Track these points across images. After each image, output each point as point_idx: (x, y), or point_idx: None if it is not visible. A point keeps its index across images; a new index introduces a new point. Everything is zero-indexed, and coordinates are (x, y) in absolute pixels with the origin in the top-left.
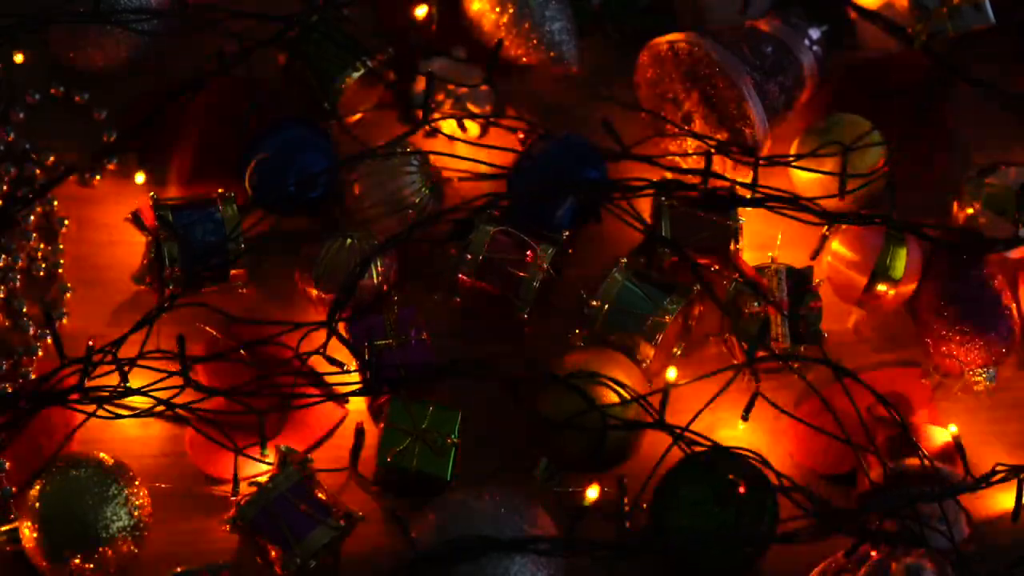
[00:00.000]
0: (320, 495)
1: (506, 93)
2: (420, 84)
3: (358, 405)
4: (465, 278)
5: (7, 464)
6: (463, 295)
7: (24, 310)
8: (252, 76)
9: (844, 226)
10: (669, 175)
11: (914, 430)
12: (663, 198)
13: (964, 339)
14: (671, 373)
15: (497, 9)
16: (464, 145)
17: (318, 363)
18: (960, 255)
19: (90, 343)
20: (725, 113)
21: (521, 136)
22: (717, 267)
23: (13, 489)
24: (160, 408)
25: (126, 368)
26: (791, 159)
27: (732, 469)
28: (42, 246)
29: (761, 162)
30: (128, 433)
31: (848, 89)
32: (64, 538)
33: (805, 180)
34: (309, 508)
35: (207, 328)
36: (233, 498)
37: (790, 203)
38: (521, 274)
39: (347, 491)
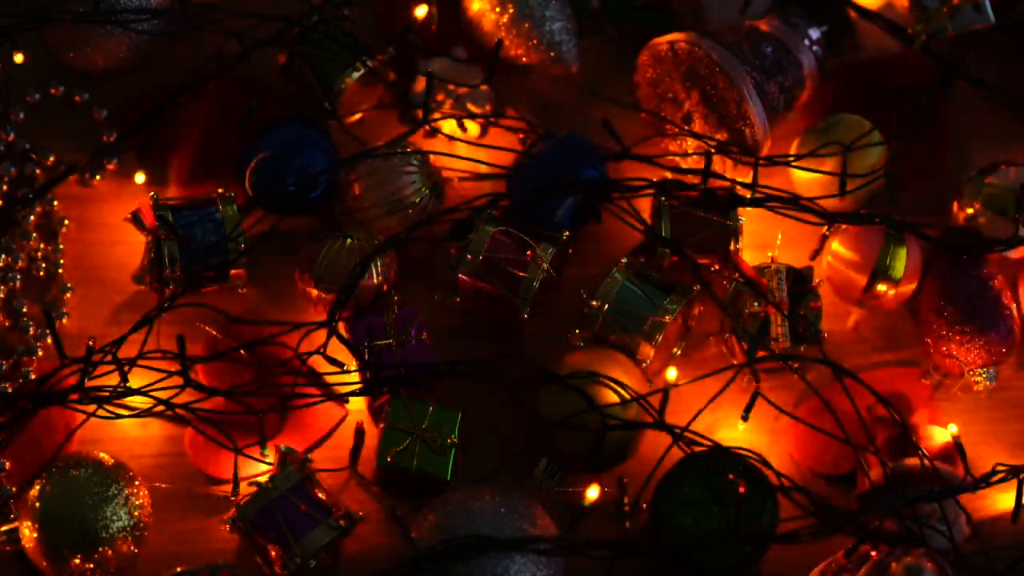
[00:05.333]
0: (320, 495)
1: (506, 93)
2: (420, 84)
3: (358, 405)
4: (465, 278)
5: (7, 464)
6: (463, 295)
7: (24, 310)
8: (252, 76)
9: (844, 226)
10: (669, 175)
11: (914, 430)
12: (663, 198)
13: (964, 339)
14: (671, 373)
15: (497, 9)
16: (464, 145)
17: (318, 363)
18: (960, 255)
19: (90, 343)
20: (725, 113)
21: (521, 136)
22: (717, 267)
23: (13, 489)
24: (160, 408)
25: (126, 368)
26: (791, 159)
27: (732, 469)
28: (42, 246)
29: (761, 162)
30: (128, 433)
31: (848, 89)
32: (64, 538)
33: (805, 180)
34: (309, 508)
35: (207, 328)
36: (233, 498)
37: (790, 203)
38: (521, 274)
39: (347, 491)
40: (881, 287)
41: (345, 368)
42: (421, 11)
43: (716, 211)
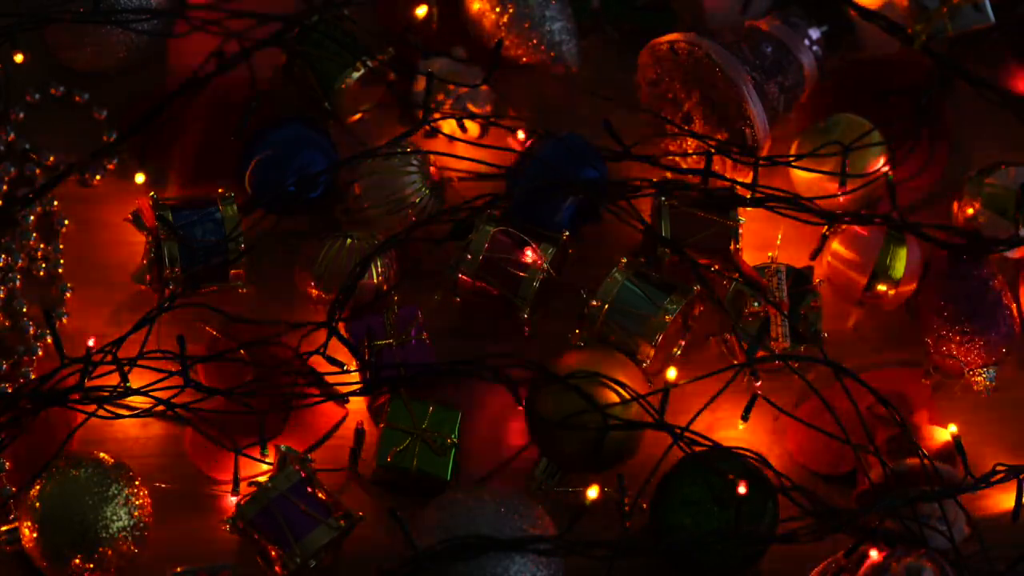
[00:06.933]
0: (320, 495)
1: (506, 93)
2: (420, 84)
3: (358, 405)
4: (465, 278)
5: (7, 464)
6: (463, 295)
7: (24, 310)
8: (252, 76)
9: (844, 226)
10: (669, 175)
11: (914, 430)
12: (663, 198)
13: (964, 339)
14: (671, 373)
15: (497, 9)
16: (464, 145)
17: (318, 363)
18: (960, 255)
19: (90, 343)
20: (725, 113)
21: (521, 136)
22: (717, 267)
23: (13, 489)
24: (160, 408)
25: (126, 368)
26: (791, 159)
27: (732, 469)
28: (42, 246)
29: (761, 162)
30: (128, 433)
31: (848, 89)
32: (64, 538)
33: (805, 180)
34: (309, 508)
35: (207, 328)
36: (233, 498)
37: (790, 203)
38: (521, 274)
39: (347, 491)
40: (881, 287)
41: (345, 368)
42: (421, 11)
43: (716, 211)
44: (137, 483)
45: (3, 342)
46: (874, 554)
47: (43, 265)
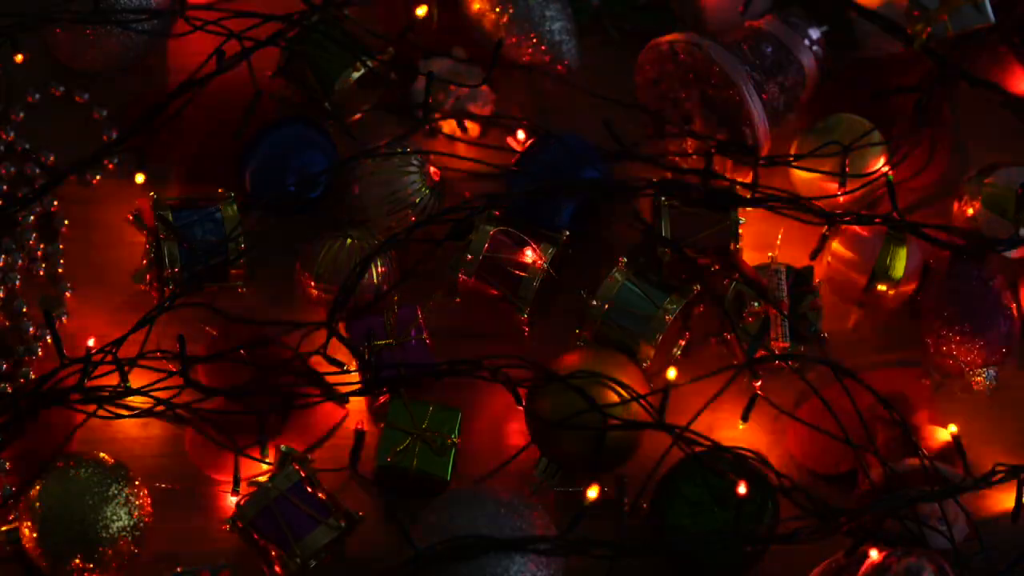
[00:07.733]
0: (320, 495)
1: (506, 93)
2: (420, 84)
3: (358, 405)
4: (465, 278)
5: (7, 464)
6: (463, 295)
7: (24, 310)
8: (252, 76)
9: (844, 226)
10: (669, 175)
11: (914, 430)
12: (663, 198)
13: (964, 339)
14: (671, 373)
15: (497, 9)
16: (464, 145)
17: (318, 363)
18: (960, 255)
19: (90, 343)
20: (725, 113)
21: (521, 136)
22: (717, 267)
23: (13, 489)
24: (160, 408)
25: (126, 368)
26: (791, 159)
27: (732, 469)
28: (42, 246)
29: (761, 162)
30: (128, 433)
31: (848, 89)
32: (64, 538)
33: (805, 180)
34: (309, 508)
35: (207, 328)
36: (233, 498)
37: (790, 203)
38: (521, 274)
39: (347, 491)
40: (881, 287)
41: (345, 368)
42: (421, 11)
43: (716, 211)
44: (137, 483)
45: (3, 342)
46: (874, 554)
47: (43, 265)
